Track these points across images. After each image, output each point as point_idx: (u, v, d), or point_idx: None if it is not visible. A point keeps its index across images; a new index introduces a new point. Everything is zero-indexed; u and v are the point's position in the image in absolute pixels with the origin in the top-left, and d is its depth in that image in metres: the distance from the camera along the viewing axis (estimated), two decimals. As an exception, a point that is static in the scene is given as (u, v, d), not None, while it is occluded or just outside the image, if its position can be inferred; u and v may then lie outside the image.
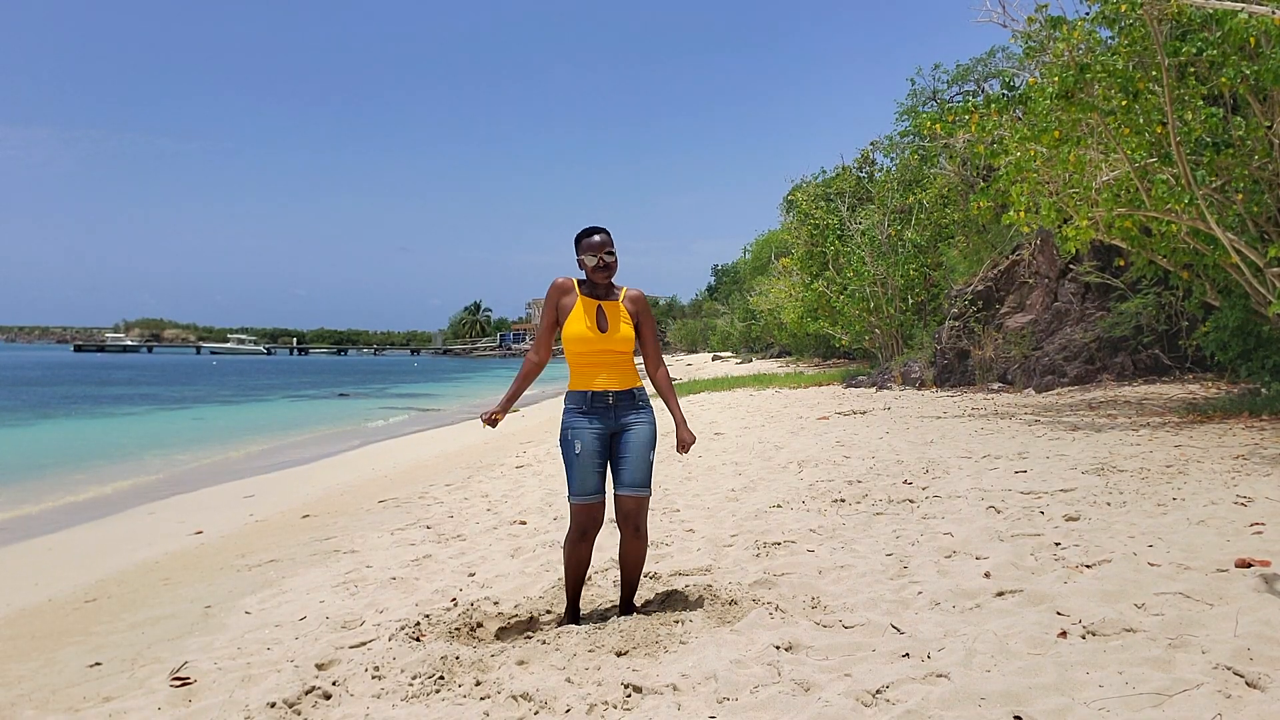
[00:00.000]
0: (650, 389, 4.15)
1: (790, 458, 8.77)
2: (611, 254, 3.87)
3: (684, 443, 3.96)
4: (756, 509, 6.22)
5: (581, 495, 3.83)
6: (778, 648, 3.39)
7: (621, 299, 3.94)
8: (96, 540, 8.08)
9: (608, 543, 4.96)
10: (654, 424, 3.96)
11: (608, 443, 3.89)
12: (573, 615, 4.01)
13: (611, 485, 3.92)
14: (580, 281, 3.95)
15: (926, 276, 22.71)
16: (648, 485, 3.87)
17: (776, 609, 3.88)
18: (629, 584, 4.03)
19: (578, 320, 3.85)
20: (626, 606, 4.07)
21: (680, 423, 4.01)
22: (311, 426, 22.22)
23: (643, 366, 4.16)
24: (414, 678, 3.40)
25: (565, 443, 3.87)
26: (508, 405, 3.93)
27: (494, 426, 3.89)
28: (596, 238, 3.87)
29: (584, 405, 3.86)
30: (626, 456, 3.85)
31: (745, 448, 9.92)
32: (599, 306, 3.88)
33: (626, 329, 3.88)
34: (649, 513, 6.26)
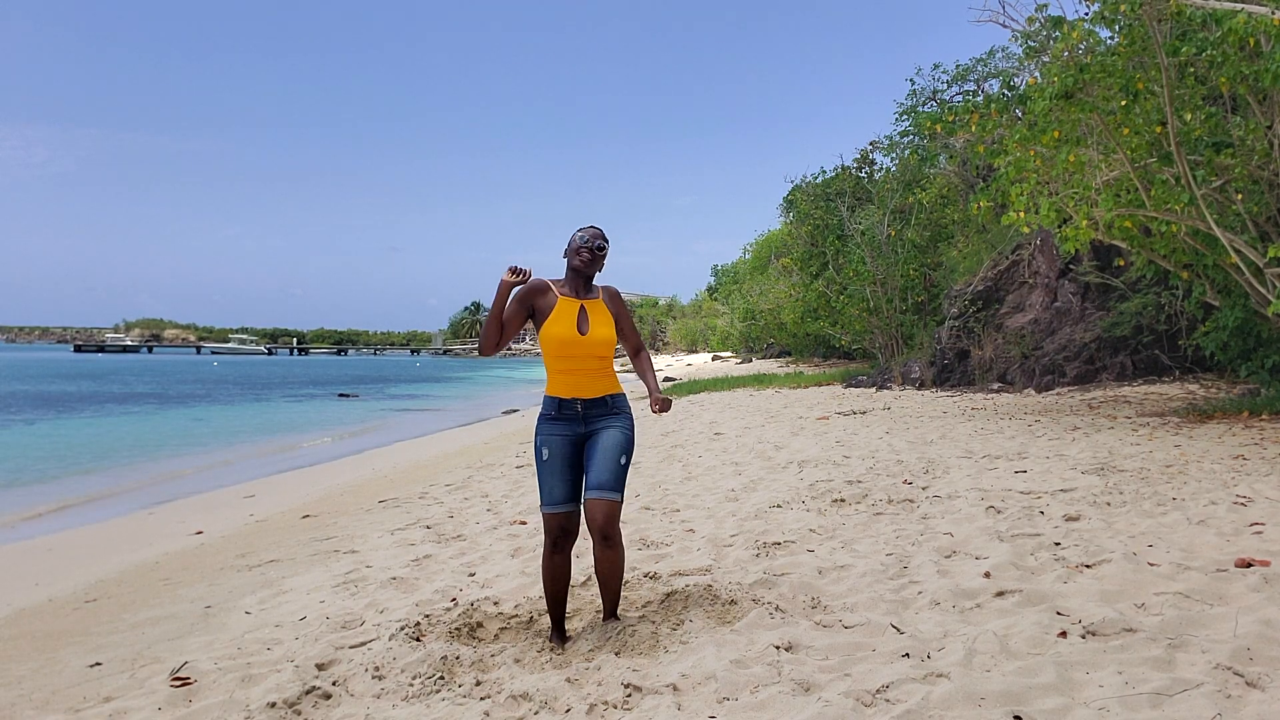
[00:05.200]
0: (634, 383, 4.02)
1: (790, 458, 8.77)
2: (602, 249, 3.78)
3: (658, 401, 3.75)
4: (756, 509, 6.22)
5: (552, 504, 3.71)
6: (778, 648, 3.39)
7: (601, 297, 3.84)
8: (96, 540, 8.08)
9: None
10: (628, 430, 3.80)
11: (579, 449, 3.77)
12: (559, 634, 3.82)
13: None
14: (557, 282, 3.82)
15: (926, 276, 22.71)
16: (617, 490, 3.67)
17: (776, 609, 3.88)
18: (608, 596, 3.84)
19: (558, 321, 3.70)
20: (609, 619, 3.87)
21: (652, 389, 3.82)
22: (312, 427, 22.22)
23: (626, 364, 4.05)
24: (414, 678, 3.40)
25: (536, 449, 3.79)
26: (504, 296, 3.71)
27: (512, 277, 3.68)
28: (593, 229, 3.83)
29: (554, 411, 3.77)
30: (593, 458, 3.70)
31: (745, 448, 9.92)
32: (581, 306, 3.76)
33: (606, 331, 3.76)
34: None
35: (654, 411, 3.77)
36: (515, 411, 24.75)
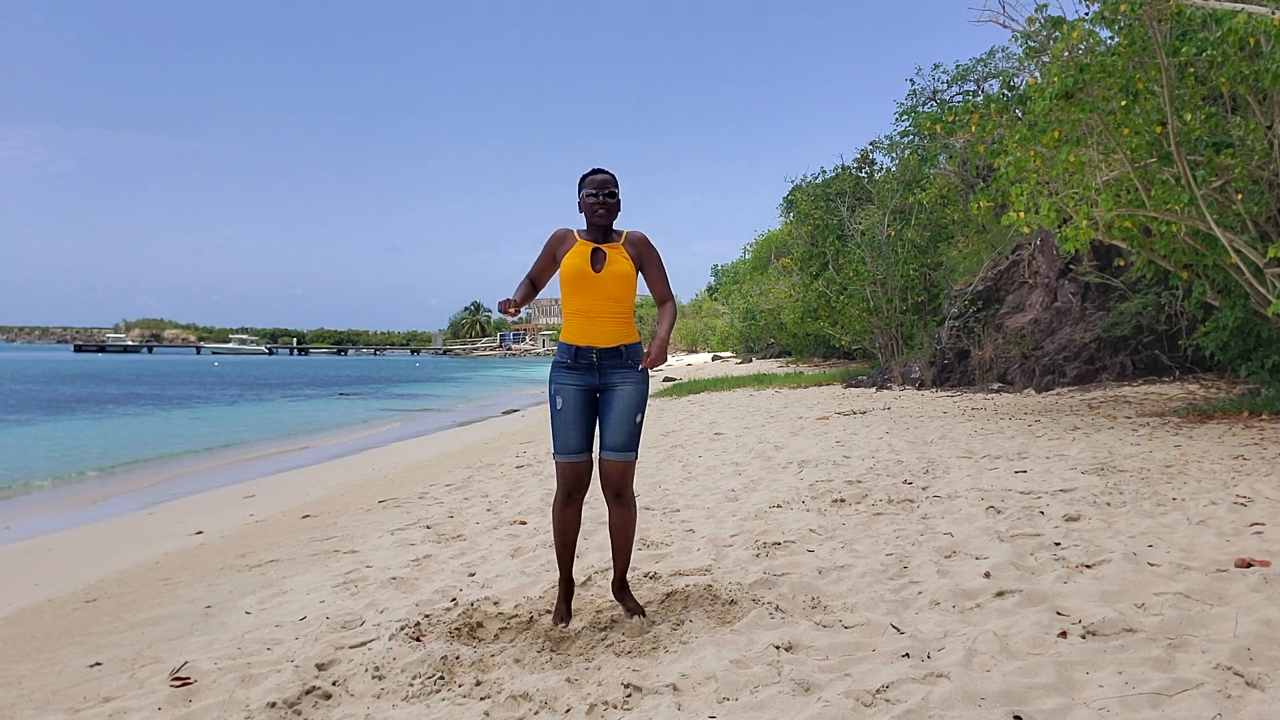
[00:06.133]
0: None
1: (790, 458, 8.77)
2: (614, 196, 3.75)
3: (651, 354, 3.54)
4: (756, 509, 6.22)
5: (565, 453, 3.71)
6: (778, 648, 3.39)
7: (622, 242, 3.80)
8: (96, 540, 8.08)
9: (607, 543, 4.94)
10: (643, 386, 3.79)
11: (593, 400, 3.76)
12: (566, 589, 3.87)
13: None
14: (580, 231, 3.83)
15: (926, 276, 22.70)
16: (632, 449, 3.73)
17: (776, 609, 3.88)
18: (619, 555, 3.89)
19: (572, 258, 3.71)
20: (620, 583, 3.94)
21: (655, 340, 3.58)
22: (312, 427, 22.23)
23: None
24: (414, 678, 3.40)
25: (550, 398, 3.79)
26: (520, 299, 3.67)
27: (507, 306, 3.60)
28: (600, 176, 3.76)
29: (568, 359, 3.76)
30: (609, 418, 3.72)
31: (745, 448, 9.92)
32: (597, 247, 3.74)
33: (624, 270, 3.72)
34: (653, 516, 6.28)
35: (643, 364, 3.60)
36: (515, 411, 24.76)
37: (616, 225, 3.87)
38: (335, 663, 3.67)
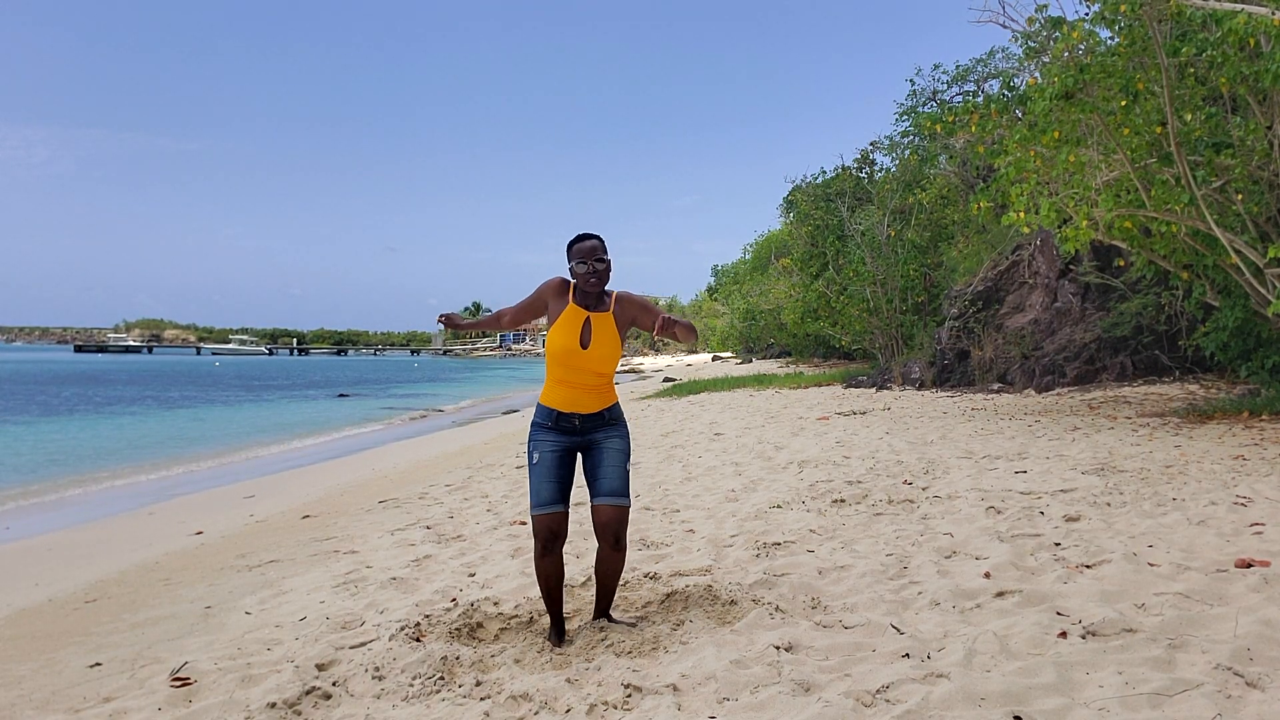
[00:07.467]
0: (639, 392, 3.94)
1: (790, 458, 8.77)
2: (603, 261, 3.69)
3: (670, 316, 3.60)
4: (757, 509, 6.22)
5: (540, 506, 3.70)
6: (778, 648, 3.39)
7: (611, 309, 3.76)
8: (96, 540, 8.08)
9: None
10: (627, 438, 3.84)
11: (570, 457, 3.78)
12: (558, 630, 3.83)
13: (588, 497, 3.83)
14: (573, 288, 3.79)
15: (926, 276, 22.70)
16: (626, 495, 3.73)
17: (776, 609, 3.88)
18: (604, 594, 3.91)
19: (561, 332, 3.69)
20: (601, 614, 3.94)
21: (678, 319, 3.63)
22: (312, 427, 22.22)
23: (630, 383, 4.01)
24: (414, 678, 3.40)
25: (528, 454, 3.81)
26: (466, 324, 4.04)
27: (447, 324, 4.02)
28: (588, 243, 3.70)
29: (549, 422, 3.77)
30: (602, 465, 3.73)
31: (745, 448, 9.92)
32: (587, 319, 3.71)
33: (610, 348, 3.72)
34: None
35: (659, 324, 3.61)
36: (515, 412, 24.75)
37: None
38: (335, 663, 3.67)
